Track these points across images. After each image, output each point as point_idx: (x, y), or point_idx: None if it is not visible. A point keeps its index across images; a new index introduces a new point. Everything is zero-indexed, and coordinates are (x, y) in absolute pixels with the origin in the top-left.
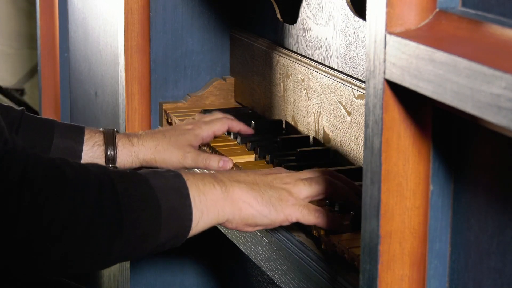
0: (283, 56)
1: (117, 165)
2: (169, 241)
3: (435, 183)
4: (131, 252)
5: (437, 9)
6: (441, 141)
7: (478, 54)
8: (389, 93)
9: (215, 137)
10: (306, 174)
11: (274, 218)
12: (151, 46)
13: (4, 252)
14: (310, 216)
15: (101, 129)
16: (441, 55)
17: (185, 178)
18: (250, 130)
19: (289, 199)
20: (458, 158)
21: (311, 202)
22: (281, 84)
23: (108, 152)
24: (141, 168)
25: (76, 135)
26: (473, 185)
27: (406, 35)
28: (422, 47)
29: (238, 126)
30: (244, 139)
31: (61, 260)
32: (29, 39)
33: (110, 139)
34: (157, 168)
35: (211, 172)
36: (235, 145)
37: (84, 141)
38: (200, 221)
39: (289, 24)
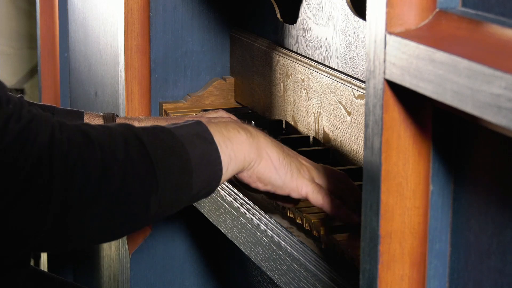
0: (283, 56)
1: None
2: (203, 189)
3: (435, 183)
4: (168, 205)
5: (437, 9)
6: (441, 141)
7: (478, 54)
8: (389, 93)
9: None
10: (326, 170)
11: (287, 181)
12: (151, 46)
13: (46, 219)
14: (318, 195)
15: (101, 113)
16: (441, 55)
17: (207, 125)
18: None
19: (306, 174)
20: (458, 158)
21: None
22: (281, 84)
23: None
24: None
25: (75, 120)
26: (473, 185)
27: (406, 35)
28: (422, 47)
29: None
30: None
31: (104, 223)
32: (29, 39)
33: (109, 123)
34: None
35: (233, 119)
36: None
37: None
38: (229, 166)
39: (289, 24)
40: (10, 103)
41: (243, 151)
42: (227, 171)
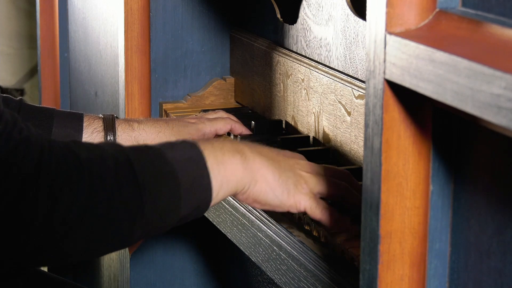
0: (283, 56)
1: None
2: (191, 213)
3: (435, 183)
4: (153, 229)
5: (437, 9)
6: (441, 141)
7: (478, 54)
8: (389, 93)
9: (217, 135)
10: (327, 171)
11: (284, 200)
12: (151, 46)
13: (28, 240)
14: (317, 210)
15: (101, 115)
16: (441, 55)
17: (202, 148)
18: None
19: (304, 187)
20: (458, 158)
21: None
22: (281, 84)
23: (108, 138)
24: None
25: (75, 122)
26: (473, 185)
27: (406, 35)
28: (422, 47)
29: (240, 129)
30: (244, 139)
31: (85, 244)
32: (29, 39)
33: (109, 125)
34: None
35: (232, 139)
36: None
37: (83, 128)
38: (220, 191)
39: (289, 24)
40: (1, 121)
41: (236, 176)
42: (218, 195)
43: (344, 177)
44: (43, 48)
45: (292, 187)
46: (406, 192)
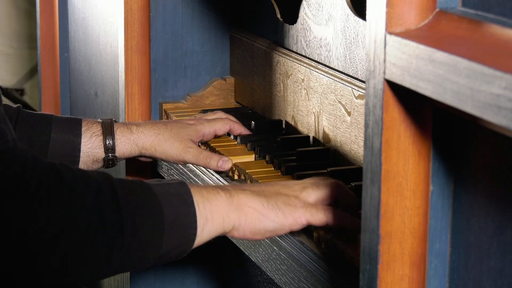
0: (283, 56)
1: (117, 154)
2: (173, 250)
3: (435, 183)
4: (132, 261)
5: (437, 9)
6: (441, 141)
7: (478, 54)
8: (389, 93)
9: (216, 136)
10: (312, 181)
11: (282, 221)
12: (151, 46)
13: (2, 255)
14: (319, 215)
15: (99, 119)
16: (441, 55)
17: (189, 185)
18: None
19: (296, 203)
20: (458, 158)
21: None
22: (281, 84)
23: (107, 142)
24: (140, 156)
25: (73, 127)
26: (473, 185)
27: (406, 35)
28: (422, 47)
29: (240, 129)
30: (244, 139)
31: (59, 266)
32: (29, 39)
33: (108, 129)
34: (156, 158)
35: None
36: (235, 145)
37: (82, 133)
38: (205, 229)
39: (289, 24)
40: None
41: (222, 213)
42: (202, 233)
43: (334, 186)
44: (43, 48)
45: (284, 206)
46: (406, 192)
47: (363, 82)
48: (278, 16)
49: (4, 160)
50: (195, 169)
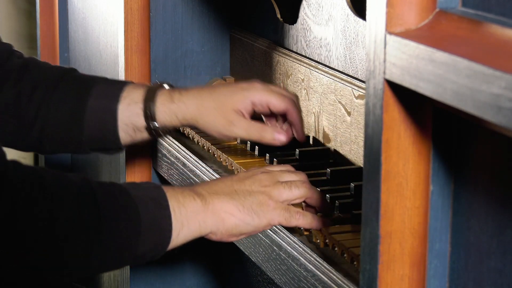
0: (283, 56)
1: (157, 123)
2: (148, 252)
3: (435, 183)
4: (109, 262)
5: (437, 9)
6: (441, 141)
7: (478, 54)
8: (389, 93)
9: (264, 115)
10: (284, 176)
11: (257, 224)
12: (151, 46)
13: None
14: (292, 219)
15: (149, 84)
16: (441, 55)
17: (165, 190)
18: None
19: (269, 203)
20: (458, 158)
21: None
22: (281, 84)
23: (147, 110)
24: (185, 126)
25: (113, 93)
26: (473, 185)
27: (406, 35)
28: (422, 47)
29: (296, 121)
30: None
31: (40, 265)
32: (29, 39)
33: (150, 96)
34: (199, 130)
35: (188, 186)
36: (235, 145)
37: (121, 99)
38: (180, 233)
39: (289, 24)
40: None
41: (198, 219)
42: (178, 237)
43: (306, 184)
44: (43, 48)
45: (259, 208)
46: (406, 192)
47: (363, 82)
48: (278, 16)
49: None
50: (195, 169)
